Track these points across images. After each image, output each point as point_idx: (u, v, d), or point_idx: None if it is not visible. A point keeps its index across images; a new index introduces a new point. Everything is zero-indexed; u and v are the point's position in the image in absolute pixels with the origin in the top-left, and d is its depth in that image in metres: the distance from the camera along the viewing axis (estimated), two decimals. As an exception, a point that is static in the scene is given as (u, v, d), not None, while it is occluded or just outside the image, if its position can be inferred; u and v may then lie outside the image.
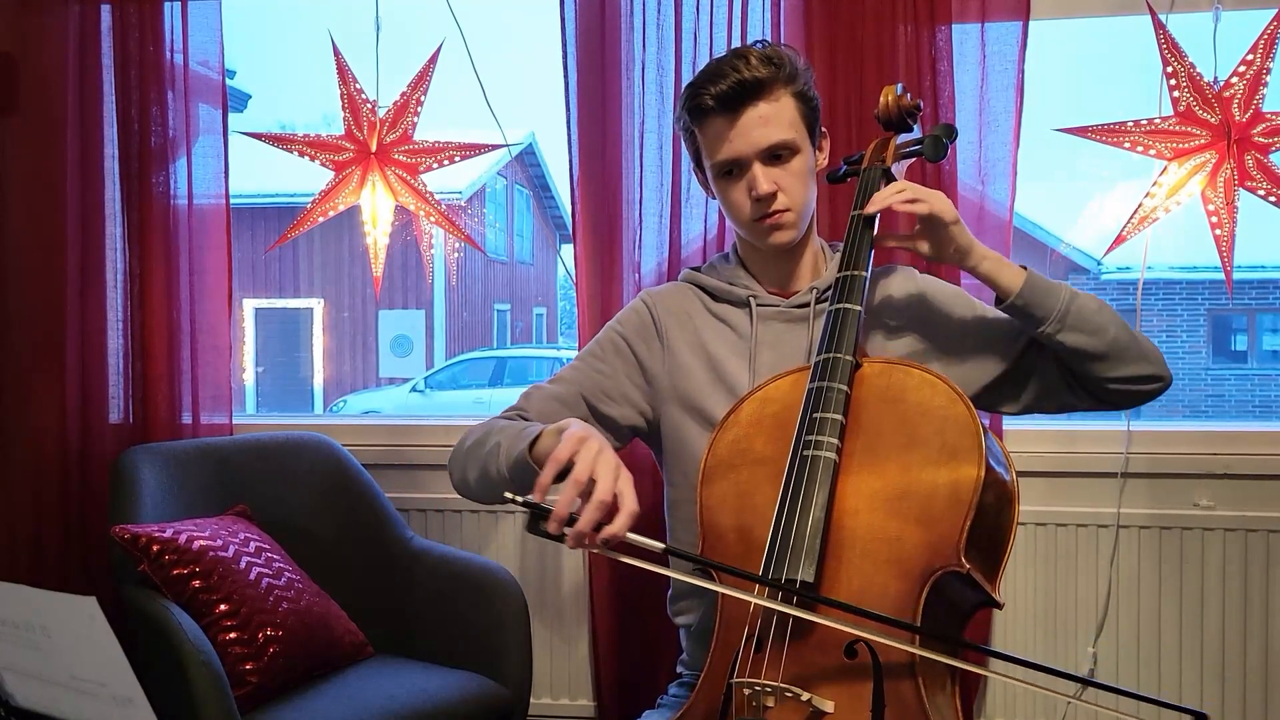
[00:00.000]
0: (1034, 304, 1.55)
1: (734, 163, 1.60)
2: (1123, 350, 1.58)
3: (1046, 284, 1.56)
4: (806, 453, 1.38)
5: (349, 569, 2.56)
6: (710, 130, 1.61)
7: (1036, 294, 1.55)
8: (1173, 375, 1.64)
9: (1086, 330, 1.55)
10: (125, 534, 2.20)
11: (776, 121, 1.58)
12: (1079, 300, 1.56)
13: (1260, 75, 2.38)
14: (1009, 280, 1.56)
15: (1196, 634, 2.54)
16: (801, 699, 1.27)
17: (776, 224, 1.61)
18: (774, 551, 1.34)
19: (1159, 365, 1.61)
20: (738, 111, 1.58)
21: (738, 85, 1.57)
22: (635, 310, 1.76)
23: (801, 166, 1.62)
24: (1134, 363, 1.59)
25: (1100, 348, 1.56)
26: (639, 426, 1.73)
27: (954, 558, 1.30)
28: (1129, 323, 1.63)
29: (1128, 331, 1.60)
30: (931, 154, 1.66)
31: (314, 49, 2.97)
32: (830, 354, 1.45)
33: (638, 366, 1.72)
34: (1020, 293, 1.55)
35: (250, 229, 6.69)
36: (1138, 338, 1.61)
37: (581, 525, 1.28)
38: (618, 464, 1.33)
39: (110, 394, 2.78)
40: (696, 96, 1.60)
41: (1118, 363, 1.58)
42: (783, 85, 1.59)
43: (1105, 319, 1.57)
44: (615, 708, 2.64)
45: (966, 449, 1.35)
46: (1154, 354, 1.61)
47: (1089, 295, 1.59)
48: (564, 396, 1.68)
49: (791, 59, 1.61)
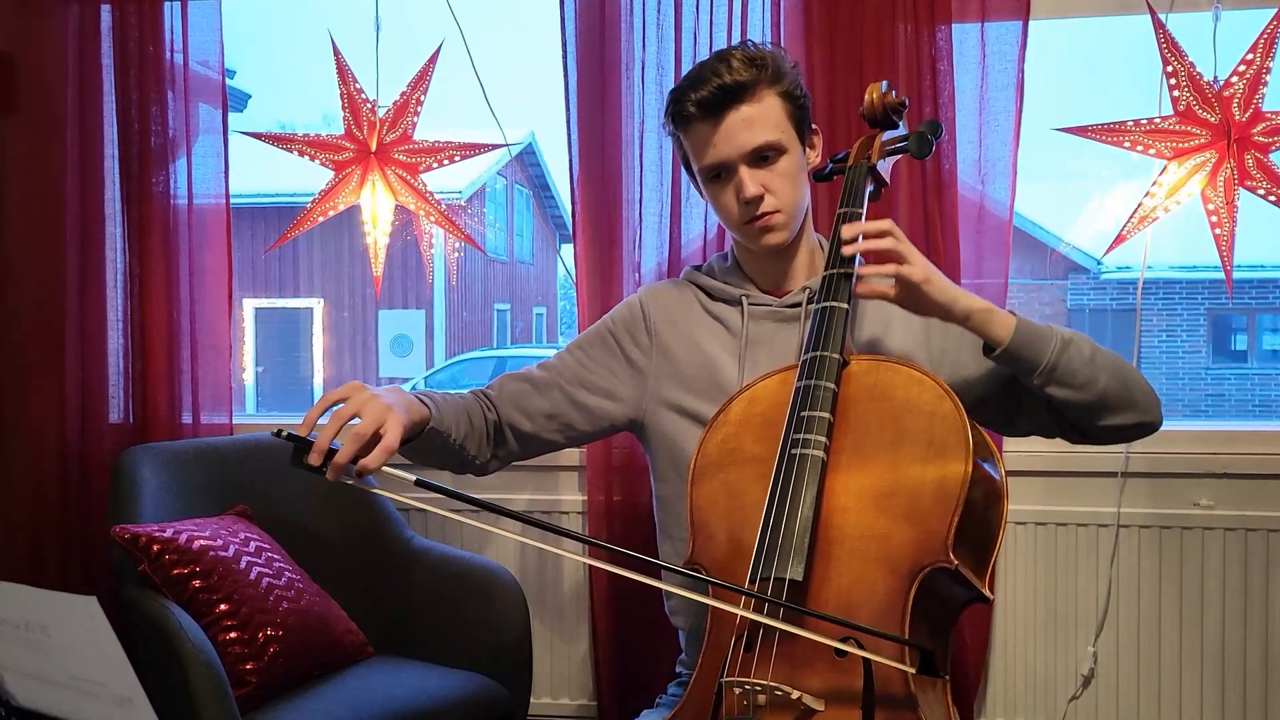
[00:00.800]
0: (1021, 357, 1.48)
1: (720, 167, 1.59)
2: (1112, 401, 1.53)
3: (1035, 335, 1.48)
4: (795, 451, 1.38)
5: (349, 569, 2.56)
6: (694, 136, 1.60)
7: (1024, 347, 1.48)
8: (1162, 419, 1.59)
9: (1074, 384, 1.50)
10: (125, 534, 2.20)
11: (761, 123, 1.57)
12: (1069, 351, 1.49)
13: (1260, 75, 2.38)
14: (996, 332, 1.48)
15: (1196, 634, 2.54)
16: (792, 698, 1.27)
17: (766, 225, 1.61)
18: (763, 550, 1.34)
19: (1149, 412, 1.57)
20: (720, 115, 1.57)
21: (719, 90, 1.56)
22: (628, 305, 1.77)
23: (789, 166, 1.60)
24: (1122, 413, 1.54)
25: (1088, 400, 1.52)
26: (618, 420, 1.73)
27: (942, 554, 1.30)
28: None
29: (1119, 380, 1.53)
30: (917, 151, 1.65)
31: (314, 49, 2.98)
32: (817, 352, 1.45)
33: (624, 361, 1.72)
34: (1007, 347, 1.48)
35: (250, 229, 6.69)
36: (1130, 385, 1.55)
37: (339, 455, 1.35)
38: (386, 407, 1.40)
39: (110, 394, 2.78)
40: (679, 103, 1.59)
41: (1105, 413, 1.54)
42: (766, 86, 1.58)
43: (1096, 369, 1.51)
44: (615, 708, 2.64)
45: (954, 445, 1.35)
46: (1144, 400, 1.56)
47: (1083, 340, 1.52)
48: (537, 380, 1.71)
49: (776, 58, 1.60)
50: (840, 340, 1.46)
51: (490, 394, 1.70)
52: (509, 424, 1.70)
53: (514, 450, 1.72)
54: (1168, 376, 9.26)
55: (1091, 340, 1.55)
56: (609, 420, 1.73)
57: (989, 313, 1.48)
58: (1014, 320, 1.49)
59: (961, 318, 1.48)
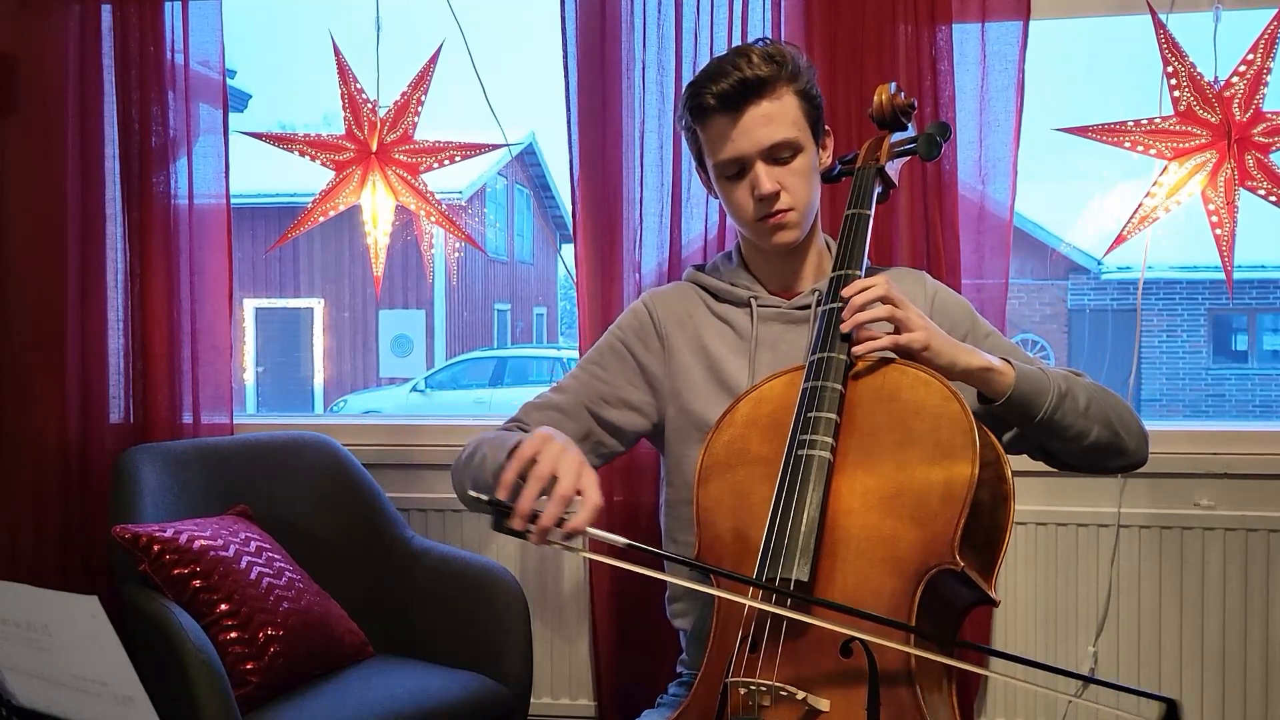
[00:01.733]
0: (1018, 409, 1.50)
1: (737, 162, 1.59)
2: (1102, 449, 1.56)
3: (1032, 390, 1.49)
4: (801, 452, 1.38)
5: (350, 569, 2.56)
6: (712, 129, 1.60)
7: (1020, 403, 1.49)
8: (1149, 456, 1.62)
9: (1067, 437, 1.53)
10: (126, 534, 2.20)
11: (779, 120, 1.57)
12: (1065, 405, 1.50)
13: (1260, 75, 2.38)
14: (994, 389, 1.49)
15: (1196, 634, 2.54)
16: (797, 698, 1.27)
17: (780, 224, 1.61)
18: (769, 551, 1.34)
19: (1136, 454, 1.60)
20: (740, 110, 1.57)
21: (740, 84, 1.56)
22: (635, 312, 1.76)
23: (804, 165, 1.61)
24: (1111, 458, 1.58)
25: (1078, 449, 1.55)
26: (644, 430, 1.73)
27: (948, 555, 1.30)
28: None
29: (1111, 429, 1.55)
30: (925, 153, 1.66)
31: (314, 49, 2.98)
32: (824, 353, 1.45)
33: (638, 370, 1.72)
34: (1006, 401, 1.49)
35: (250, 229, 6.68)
36: (1121, 431, 1.57)
37: (544, 520, 1.29)
38: (580, 461, 1.34)
39: (110, 394, 2.78)
40: (698, 95, 1.59)
41: (1093, 458, 1.58)
42: (785, 83, 1.58)
43: (1090, 420, 1.53)
44: (615, 708, 2.64)
45: (960, 447, 1.35)
46: (1133, 445, 1.58)
47: (1080, 388, 1.53)
48: (564, 406, 1.69)
49: (794, 57, 1.61)
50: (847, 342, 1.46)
51: (525, 427, 1.67)
52: None
53: None
54: (1168, 377, 9.26)
55: (1088, 383, 1.56)
56: (635, 432, 1.72)
57: (988, 370, 1.49)
58: (1012, 375, 1.49)
59: (960, 377, 1.49)
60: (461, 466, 1.63)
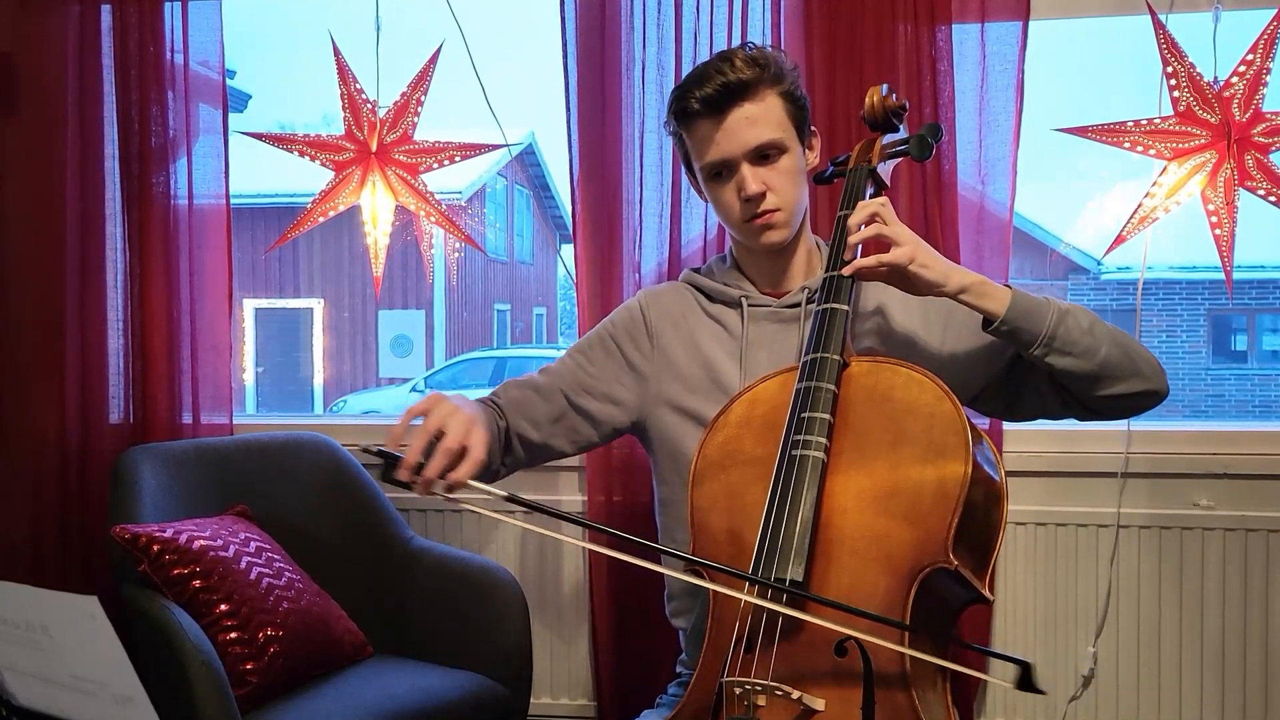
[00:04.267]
0: (1019, 329, 1.50)
1: (722, 164, 1.60)
2: (1114, 369, 1.54)
3: (1032, 306, 1.50)
4: (795, 452, 1.39)
5: (349, 569, 2.56)
6: (698, 133, 1.61)
7: (1021, 319, 1.49)
8: (1169, 388, 1.60)
9: (1075, 352, 1.51)
10: (125, 534, 2.20)
11: (764, 121, 1.59)
12: (1067, 321, 1.51)
13: (1260, 75, 2.38)
14: (992, 306, 1.50)
15: (1196, 634, 2.54)
16: (792, 697, 1.28)
17: (767, 224, 1.62)
18: (763, 551, 1.35)
19: (1155, 380, 1.57)
20: (724, 113, 1.58)
21: (723, 87, 1.57)
22: (628, 309, 1.77)
23: (790, 165, 1.62)
24: (1126, 380, 1.55)
25: (1090, 369, 1.53)
26: (622, 425, 1.74)
27: (942, 554, 1.31)
28: (1129, 326, 1.61)
29: (1120, 348, 1.54)
30: (917, 153, 1.66)
31: (314, 49, 2.98)
32: (818, 354, 1.45)
33: (625, 365, 1.73)
34: (1004, 318, 1.49)
35: (250, 229, 6.69)
36: (1132, 353, 1.56)
37: (428, 471, 1.35)
38: (470, 419, 1.40)
39: (110, 394, 2.78)
40: (683, 100, 1.61)
41: (1109, 382, 1.55)
42: (768, 85, 1.60)
43: (1096, 338, 1.52)
44: (615, 708, 2.64)
45: (953, 446, 1.35)
46: (1149, 369, 1.57)
47: (1081, 311, 1.53)
48: (541, 387, 1.71)
49: (777, 59, 1.62)
50: (841, 342, 1.46)
51: (499, 401, 1.70)
52: (517, 433, 1.69)
53: (520, 458, 1.72)
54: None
55: (1091, 312, 1.56)
56: (612, 425, 1.73)
57: (983, 285, 1.50)
58: (1009, 293, 1.50)
59: (955, 293, 1.50)
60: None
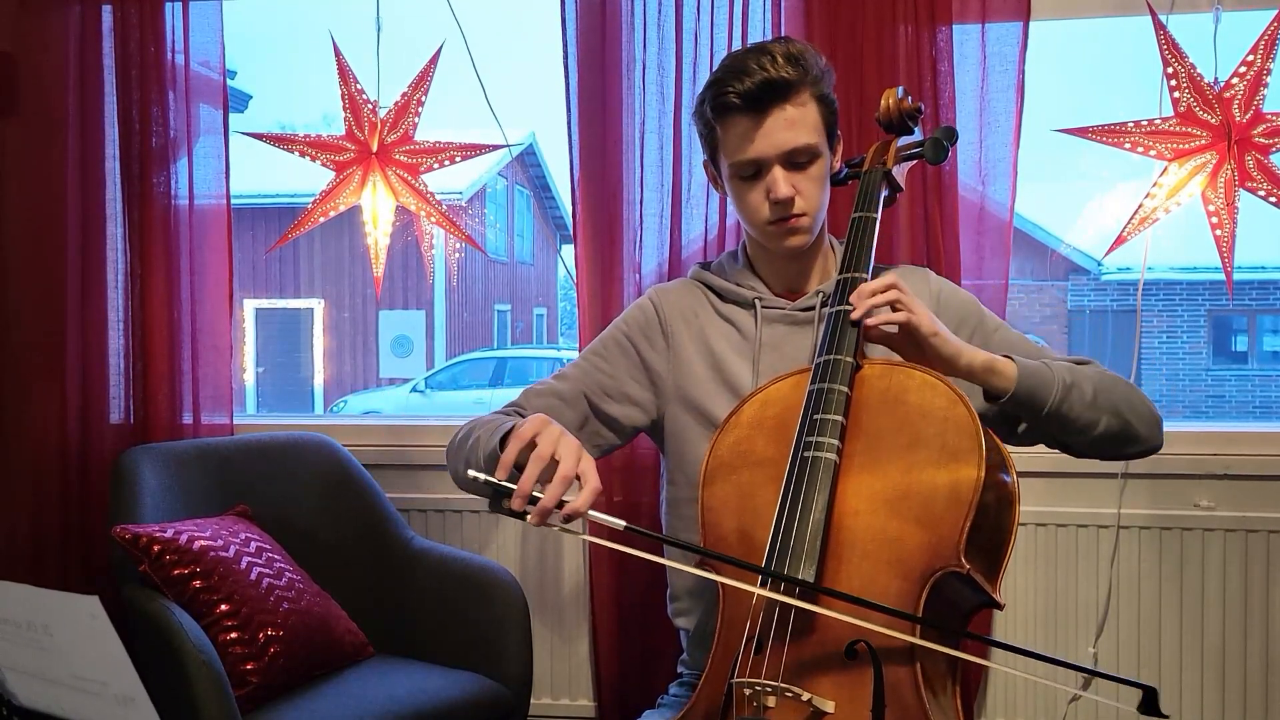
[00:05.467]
0: (1024, 405, 1.50)
1: (754, 164, 1.58)
2: (1113, 438, 1.56)
3: (1038, 385, 1.49)
4: (807, 454, 1.38)
5: (350, 569, 2.56)
6: (734, 129, 1.58)
7: (1026, 397, 1.50)
8: (1163, 440, 1.62)
9: (1076, 428, 1.53)
10: (126, 534, 2.20)
11: (801, 125, 1.57)
12: (1070, 398, 1.51)
13: (1260, 76, 2.38)
14: (1000, 384, 1.50)
15: (1196, 634, 2.54)
16: (802, 699, 1.27)
17: (793, 228, 1.60)
18: (774, 553, 1.34)
19: (1148, 440, 1.59)
20: (764, 112, 1.55)
21: (765, 84, 1.54)
22: (641, 308, 1.75)
23: (819, 171, 1.60)
24: (1122, 446, 1.58)
25: (1086, 441, 1.55)
26: (642, 425, 1.73)
27: (954, 558, 1.30)
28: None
29: (1121, 418, 1.55)
30: (932, 157, 1.66)
31: (315, 49, 2.98)
32: (831, 356, 1.45)
33: (641, 365, 1.71)
34: (1011, 396, 1.49)
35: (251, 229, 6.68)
36: (1132, 419, 1.57)
37: (546, 501, 1.30)
38: (579, 445, 1.36)
39: (110, 394, 2.78)
40: (722, 93, 1.57)
41: (1105, 447, 1.57)
42: (808, 88, 1.57)
43: (1099, 410, 1.53)
44: (615, 708, 2.64)
45: (967, 450, 1.35)
46: (1146, 431, 1.58)
47: (1085, 379, 1.53)
48: (564, 393, 1.69)
49: (815, 59, 1.59)
50: (854, 344, 1.46)
51: (524, 412, 1.66)
52: None
53: None
54: (1168, 377, 9.26)
55: (1094, 373, 1.56)
56: (633, 425, 1.72)
57: (991, 363, 1.50)
58: (1014, 371, 1.49)
59: (964, 373, 1.49)
60: (455, 448, 1.62)
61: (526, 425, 1.36)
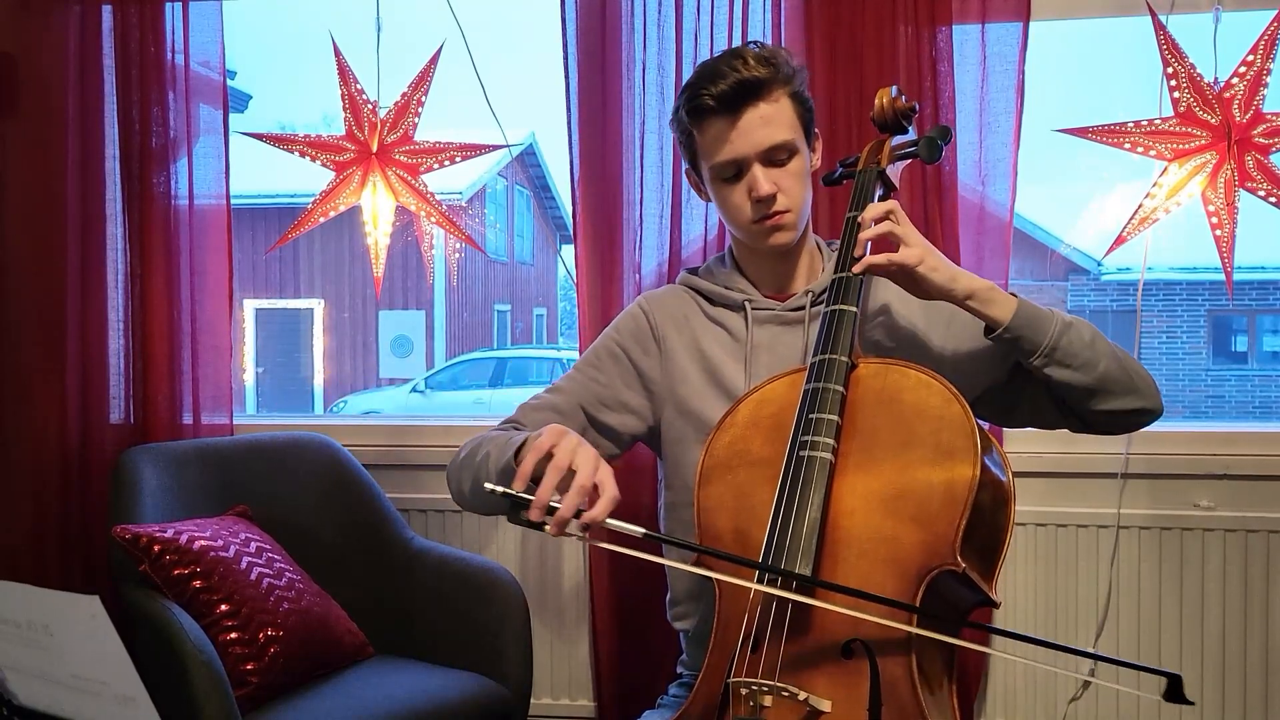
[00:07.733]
0: (1022, 337, 1.51)
1: (734, 164, 1.60)
2: (1112, 385, 1.55)
3: (1036, 316, 1.51)
4: (803, 453, 1.38)
5: (349, 569, 2.56)
6: (710, 131, 1.60)
7: (1024, 327, 1.51)
8: (1164, 406, 1.61)
9: (1074, 365, 1.53)
10: (126, 534, 2.20)
11: (777, 122, 1.58)
12: (1070, 333, 1.52)
13: (1260, 76, 2.38)
14: (997, 313, 1.51)
15: (1196, 634, 2.54)
16: (798, 698, 1.28)
17: (777, 225, 1.61)
18: (770, 552, 1.35)
19: (1150, 399, 1.59)
20: (738, 112, 1.57)
21: (738, 85, 1.56)
22: (632, 316, 1.76)
23: (799, 167, 1.62)
24: (1122, 397, 1.57)
25: (1088, 382, 1.54)
26: (639, 433, 1.73)
27: (950, 557, 1.31)
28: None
29: (1119, 364, 1.56)
30: (927, 156, 1.66)
31: (315, 49, 2.98)
32: (826, 355, 1.45)
33: (635, 373, 1.72)
34: (1008, 326, 1.50)
35: (251, 229, 6.69)
36: (1130, 370, 1.57)
37: (564, 510, 1.29)
38: (596, 455, 1.35)
39: (110, 394, 2.78)
40: (696, 97, 1.59)
41: (1106, 397, 1.56)
42: (781, 85, 1.59)
43: (1097, 352, 1.54)
44: (615, 708, 2.64)
45: (962, 449, 1.35)
46: (1146, 387, 1.58)
47: (1083, 324, 1.54)
48: (560, 406, 1.69)
49: (787, 59, 1.61)
50: (849, 343, 1.46)
51: (521, 427, 1.66)
52: None
53: None
54: (1168, 378, 9.26)
55: (1093, 326, 1.57)
56: (631, 434, 1.72)
57: (990, 291, 1.52)
58: (1015, 301, 1.52)
59: (962, 298, 1.50)
60: (461, 464, 1.62)
61: (544, 436, 1.35)
